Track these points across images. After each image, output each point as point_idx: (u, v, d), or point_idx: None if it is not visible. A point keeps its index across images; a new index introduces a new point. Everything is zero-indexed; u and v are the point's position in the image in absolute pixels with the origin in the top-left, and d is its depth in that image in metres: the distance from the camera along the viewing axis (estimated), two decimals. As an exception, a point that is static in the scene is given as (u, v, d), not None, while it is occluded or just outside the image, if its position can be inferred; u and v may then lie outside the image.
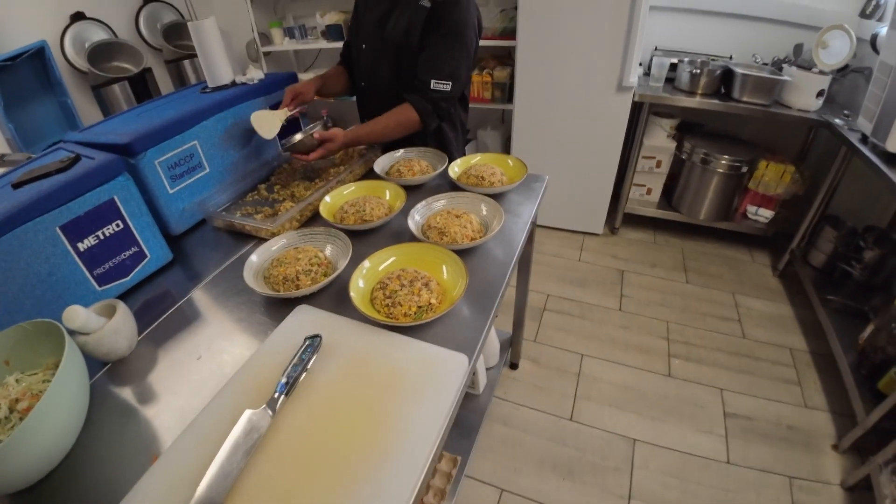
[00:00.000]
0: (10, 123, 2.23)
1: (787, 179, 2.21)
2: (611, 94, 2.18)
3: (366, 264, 0.82)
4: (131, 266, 0.97)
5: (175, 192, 1.12)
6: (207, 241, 1.13)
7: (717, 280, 2.24)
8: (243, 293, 0.90)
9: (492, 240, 0.94)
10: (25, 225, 0.79)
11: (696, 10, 2.40)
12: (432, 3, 1.21)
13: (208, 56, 1.31)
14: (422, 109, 1.24)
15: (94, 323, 0.73)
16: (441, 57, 1.21)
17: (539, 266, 2.37)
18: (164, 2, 3.01)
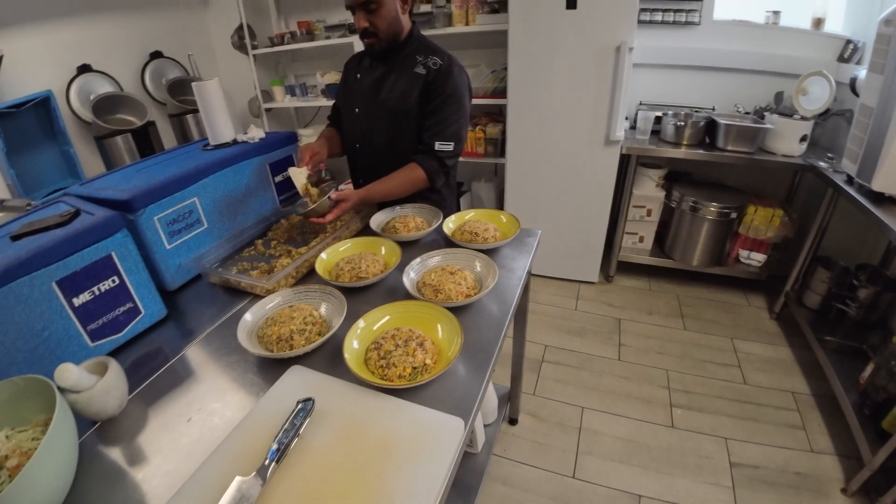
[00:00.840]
0: (11, 169, 2.26)
1: (777, 223, 2.26)
2: (599, 147, 2.26)
3: (360, 324, 0.82)
4: (125, 322, 0.96)
5: (172, 248, 1.12)
6: (203, 296, 1.13)
7: (714, 325, 2.23)
8: (236, 352, 0.89)
9: (487, 296, 0.94)
10: (22, 279, 0.79)
11: (678, 65, 2.52)
12: (427, 71, 1.30)
13: (211, 115, 1.35)
14: (430, 168, 1.31)
15: (85, 381, 0.72)
16: (444, 121, 1.30)
17: (535, 316, 2.36)
18: (169, 58, 3.13)
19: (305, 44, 3.03)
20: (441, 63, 1.30)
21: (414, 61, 1.32)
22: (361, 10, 1.22)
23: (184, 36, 3.26)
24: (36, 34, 2.51)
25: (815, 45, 2.28)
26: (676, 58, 2.50)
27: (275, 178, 1.41)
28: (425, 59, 1.31)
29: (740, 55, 2.39)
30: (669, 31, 2.47)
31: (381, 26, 1.24)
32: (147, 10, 3.03)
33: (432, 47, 1.35)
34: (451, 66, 1.31)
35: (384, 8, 1.22)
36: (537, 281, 2.65)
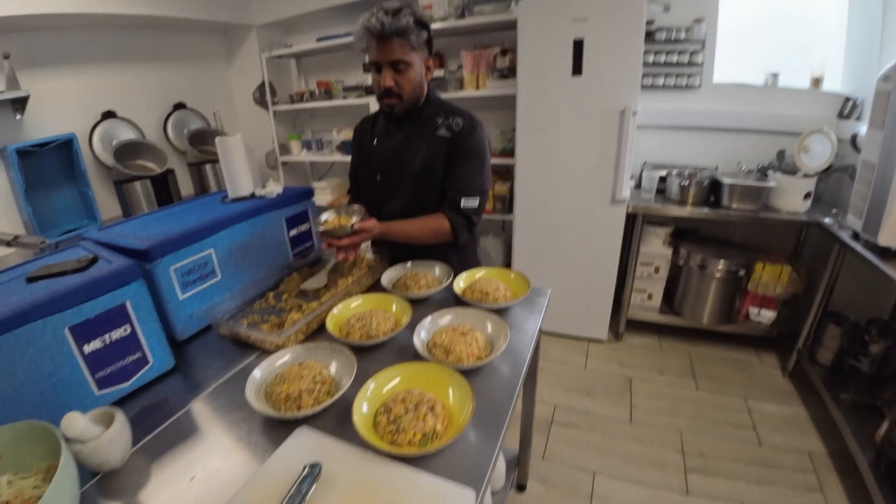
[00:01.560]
0: (29, 206, 2.30)
1: (785, 279, 2.25)
2: (605, 206, 2.30)
3: (370, 385, 0.81)
4: (133, 371, 0.96)
5: (185, 299, 1.13)
6: (211, 348, 1.13)
7: (727, 385, 2.18)
8: (243, 409, 0.88)
9: (498, 357, 0.94)
10: (35, 322, 0.79)
11: (681, 126, 2.61)
12: (451, 133, 1.31)
13: (232, 169, 1.40)
14: (456, 222, 1.30)
15: (91, 431, 0.71)
16: (468, 178, 1.31)
17: (545, 374, 2.32)
18: (192, 110, 3.28)
19: (323, 102, 3.18)
20: (464, 124, 1.31)
21: (435, 124, 1.32)
22: (389, 68, 1.22)
23: (207, 89, 3.43)
24: (65, 77, 2.62)
25: (815, 103, 2.36)
26: (679, 119, 2.59)
27: (290, 232, 1.44)
28: (447, 121, 1.32)
29: (741, 116, 2.47)
30: (671, 94, 2.57)
31: (405, 87, 1.24)
32: (174, 62, 3.20)
33: (450, 108, 1.35)
34: (474, 124, 1.32)
35: (412, 69, 1.23)
36: (546, 338, 2.62)
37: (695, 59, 2.46)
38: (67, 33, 2.60)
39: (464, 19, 2.52)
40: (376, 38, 1.18)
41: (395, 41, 1.18)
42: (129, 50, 2.92)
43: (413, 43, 1.20)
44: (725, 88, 2.51)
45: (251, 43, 3.42)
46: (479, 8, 2.50)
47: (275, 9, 3.25)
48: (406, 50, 1.20)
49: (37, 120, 2.48)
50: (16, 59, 2.26)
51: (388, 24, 1.15)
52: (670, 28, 2.44)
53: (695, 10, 2.42)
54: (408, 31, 1.17)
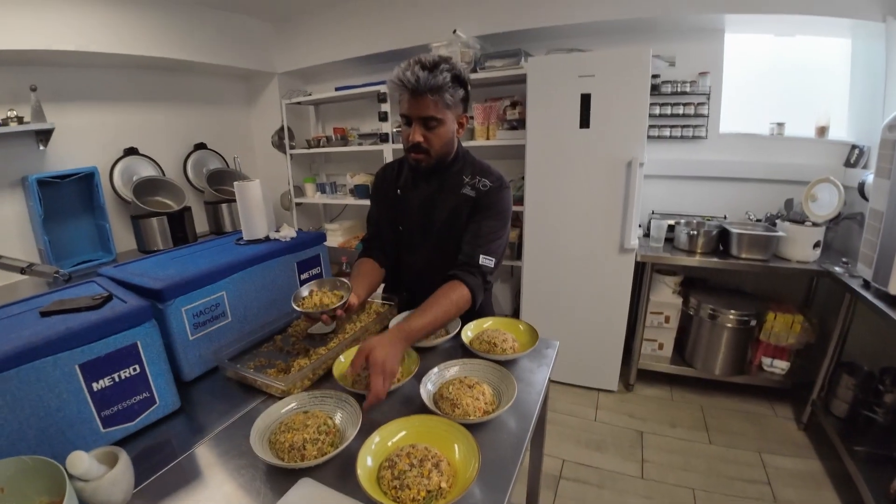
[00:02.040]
0: (45, 235, 2.35)
1: (797, 329, 2.22)
2: (614, 254, 2.32)
3: (375, 438, 0.80)
4: (139, 411, 0.95)
5: (195, 339, 1.14)
6: (217, 390, 1.12)
7: (740, 438, 2.12)
8: (246, 455, 0.87)
9: (505, 411, 0.92)
10: (47, 358, 0.80)
11: (688, 176, 2.65)
12: (476, 192, 1.27)
13: (248, 212, 1.44)
14: (474, 285, 1.18)
15: (94, 471, 0.70)
16: (488, 234, 1.24)
17: (553, 426, 2.26)
18: (212, 150, 3.40)
19: (339, 148, 3.30)
20: (491, 185, 1.27)
21: (461, 182, 1.29)
22: (420, 124, 1.17)
23: (228, 131, 3.57)
24: (90, 112, 2.73)
25: (821, 151, 2.39)
26: (686, 169, 2.64)
27: (301, 275, 1.45)
28: (473, 180, 1.28)
29: (748, 165, 2.51)
30: (678, 144, 2.63)
31: (435, 144, 1.20)
32: (196, 104, 3.34)
33: (479, 166, 1.32)
34: (501, 187, 1.28)
35: (444, 127, 1.19)
36: (554, 387, 2.58)
37: (700, 110, 2.54)
38: (95, 70, 2.73)
39: (476, 73, 2.64)
40: (409, 93, 1.13)
41: (429, 98, 1.12)
42: (153, 90, 3.06)
43: (448, 101, 1.15)
44: (732, 138, 2.57)
45: (272, 89, 3.58)
46: (491, 63, 2.62)
47: (296, 58, 3.44)
48: (439, 108, 1.15)
49: (60, 152, 2.57)
50: (43, 91, 2.37)
51: (424, 81, 1.10)
52: (676, 81, 2.53)
53: (699, 64, 2.52)
54: (443, 89, 1.12)
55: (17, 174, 2.41)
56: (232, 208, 3.14)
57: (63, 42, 2.33)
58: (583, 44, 2.63)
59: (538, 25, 2.58)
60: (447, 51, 2.64)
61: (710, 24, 2.44)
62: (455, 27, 2.62)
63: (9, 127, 2.23)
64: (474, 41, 2.67)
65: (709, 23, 2.42)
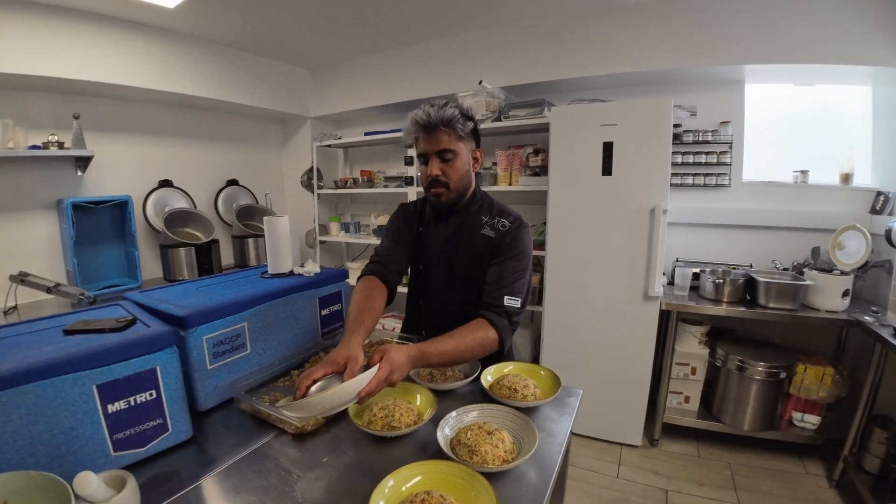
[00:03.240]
0: (75, 258, 2.42)
1: (828, 382, 2.13)
2: (637, 302, 2.27)
3: (389, 482, 0.77)
4: (151, 437, 0.94)
5: (213, 369, 1.13)
6: (231, 422, 1.11)
7: (771, 499, 1.98)
8: (255, 491, 0.84)
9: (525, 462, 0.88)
10: (66, 375, 0.80)
11: (712, 224, 2.63)
12: (496, 233, 1.29)
13: (275, 247, 1.47)
14: (501, 327, 1.16)
15: (101, 494, 0.69)
16: (511, 276, 1.23)
17: (574, 482, 2.15)
18: (243, 186, 3.53)
19: (365, 189, 3.40)
20: (509, 225, 1.29)
21: (480, 222, 1.31)
22: (436, 158, 1.24)
23: (260, 169, 3.71)
24: (129, 143, 2.86)
25: (846, 199, 2.37)
26: (710, 217, 2.63)
27: (322, 311, 1.46)
28: (492, 220, 1.31)
29: (773, 213, 2.49)
30: (702, 192, 2.63)
31: (453, 177, 1.25)
32: (231, 142, 3.50)
33: (498, 207, 1.35)
34: (520, 227, 1.30)
35: (459, 159, 1.25)
36: (575, 441, 2.46)
37: (723, 158, 2.55)
38: (136, 104, 2.90)
39: (500, 122, 2.72)
40: (423, 130, 1.22)
41: (442, 131, 1.21)
42: (191, 126, 3.22)
43: (459, 132, 1.23)
44: (755, 187, 2.56)
45: (305, 132, 3.75)
46: (515, 112, 2.70)
47: (329, 104, 3.61)
48: (452, 140, 1.23)
49: (96, 179, 2.69)
50: (85, 120, 2.51)
51: (435, 116, 1.19)
52: (697, 130, 2.56)
53: (721, 114, 2.55)
54: (453, 121, 1.21)
55: (54, 196, 2.53)
56: (258, 243, 3.21)
57: (108, 75, 2.48)
58: (605, 95, 2.70)
59: (561, 77, 2.67)
60: (473, 100, 2.74)
61: (730, 76, 2.49)
62: (481, 78, 2.73)
63: (49, 151, 2.34)
64: (499, 91, 2.77)
65: (729, 74, 2.47)
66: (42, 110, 2.48)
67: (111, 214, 2.67)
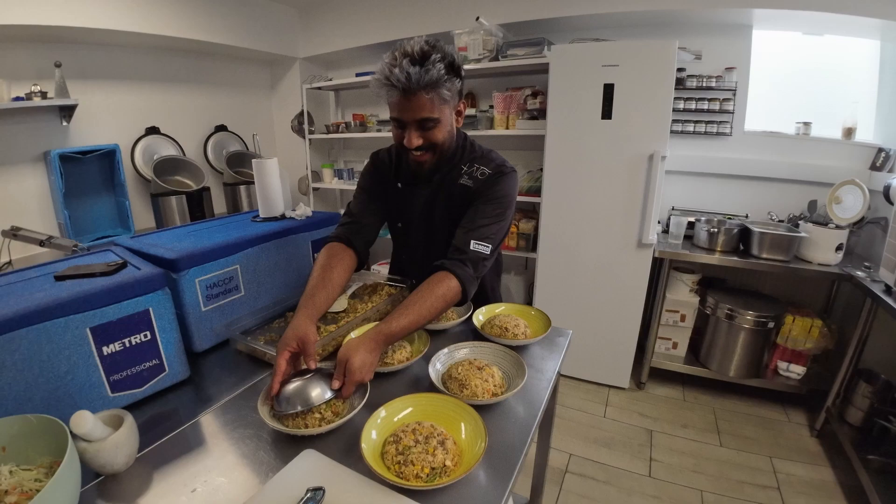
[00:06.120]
0: (66, 210, 2.39)
1: (816, 334, 2.18)
2: (631, 250, 2.27)
3: (381, 413, 0.79)
4: (148, 378, 0.96)
5: (207, 311, 1.14)
6: (226, 362, 1.13)
7: (752, 443, 2.07)
8: (251, 426, 0.87)
9: (513, 396, 0.91)
10: (58, 320, 0.80)
11: (710, 173, 2.60)
12: (473, 181, 1.17)
13: (265, 190, 1.45)
14: (465, 277, 1.05)
15: (98, 432, 0.71)
16: (483, 220, 1.11)
17: (561, 421, 2.24)
18: (232, 132, 3.43)
19: (357, 134, 3.30)
20: (489, 172, 1.17)
21: (459, 172, 1.19)
22: (415, 126, 1.04)
23: (248, 114, 3.60)
24: (113, 91, 2.76)
25: (847, 154, 2.34)
26: (709, 166, 2.59)
27: (315, 255, 1.45)
28: (471, 169, 1.19)
29: (772, 164, 2.46)
30: (702, 140, 2.58)
31: (438, 139, 1.08)
32: (218, 86, 3.37)
33: (480, 155, 1.21)
34: (501, 175, 1.17)
35: (441, 124, 1.06)
36: (564, 382, 2.55)
37: (726, 106, 2.48)
38: (119, 49, 2.76)
39: (497, 62, 2.61)
40: (400, 92, 0.98)
41: (424, 97, 0.98)
42: (177, 71, 3.09)
43: (445, 96, 1.02)
44: (756, 137, 2.51)
45: (294, 74, 3.59)
46: (513, 51, 2.58)
47: (318, 44, 3.44)
48: (435, 106, 1.02)
49: (82, 129, 2.61)
50: (67, 68, 2.40)
51: (416, 78, 0.95)
52: (701, 76, 2.47)
53: (726, 59, 2.45)
54: (439, 84, 0.98)
55: (40, 149, 2.46)
56: (250, 190, 3.17)
57: (89, 20, 2.35)
58: (607, 35, 2.57)
59: (563, 15, 2.53)
60: (469, 38, 2.61)
61: (738, 20, 2.38)
62: (478, 14, 2.58)
63: (32, 101, 2.26)
64: (497, 29, 2.63)
65: (736, 18, 2.35)
66: (23, 61, 2.38)
67: (99, 165, 2.62)
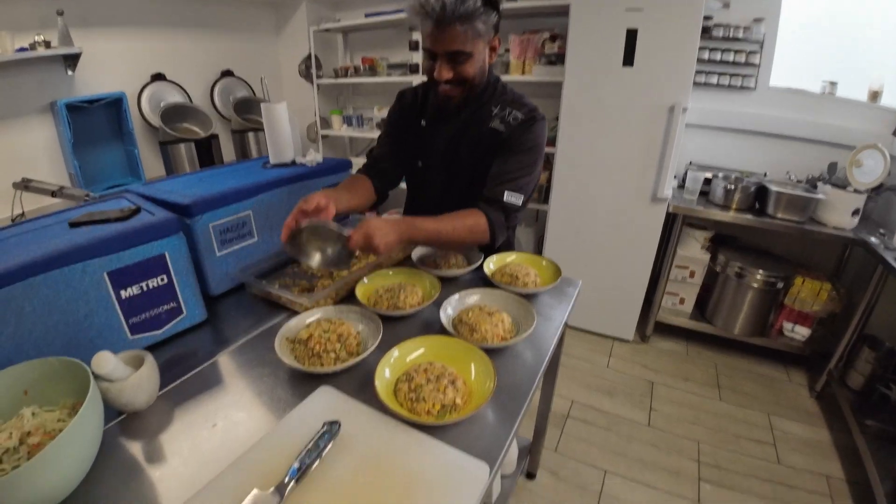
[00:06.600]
0: (75, 160, 2.39)
1: (824, 297, 2.17)
2: (645, 203, 2.24)
3: (394, 353, 0.82)
4: (166, 320, 0.99)
5: (221, 256, 1.16)
6: (242, 306, 1.16)
7: (751, 399, 2.12)
8: (268, 365, 0.90)
9: (522, 342, 0.93)
10: (75, 265, 0.81)
11: (731, 128, 2.51)
12: (506, 126, 1.15)
13: (275, 136, 1.42)
14: (496, 221, 1.11)
15: (120, 372, 0.73)
16: (516, 170, 1.13)
17: (565, 369, 2.29)
18: (239, 78, 3.35)
19: (367, 78, 3.19)
20: (521, 117, 1.15)
21: (489, 114, 1.17)
22: (446, 59, 1.03)
23: (255, 59, 3.49)
24: (117, 37, 2.68)
25: (871, 117, 2.24)
26: (730, 121, 2.50)
27: (326, 201, 1.45)
28: (503, 113, 1.16)
29: (794, 123, 2.37)
30: (724, 94, 2.48)
31: (468, 74, 1.07)
32: (224, 30, 3.25)
33: (511, 98, 1.19)
34: (534, 119, 1.16)
35: (474, 58, 1.05)
36: (570, 333, 2.59)
37: (751, 59, 2.36)
38: None
39: (515, 2, 2.47)
40: (434, 23, 0.98)
41: (458, 28, 0.97)
42: (181, 15, 2.97)
43: (479, 30, 1.00)
44: (781, 93, 2.40)
45: (300, 16, 3.44)
46: (533, -10, 2.44)
47: (326, -18, 3.27)
48: (469, 39, 1.00)
49: (88, 77, 2.55)
50: (69, 16, 2.32)
51: (451, 8, 0.94)
52: (728, 25, 2.34)
53: (755, 10, 2.31)
54: (474, 17, 0.97)
55: (46, 99, 2.42)
56: (259, 137, 3.13)
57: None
58: (633, -24, 2.41)
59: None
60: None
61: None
62: (496, -50, 2.42)
63: (36, 51, 2.21)
64: (516, -34, 2.48)
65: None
66: (25, 11, 2.30)
67: (107, 113, 2.59)
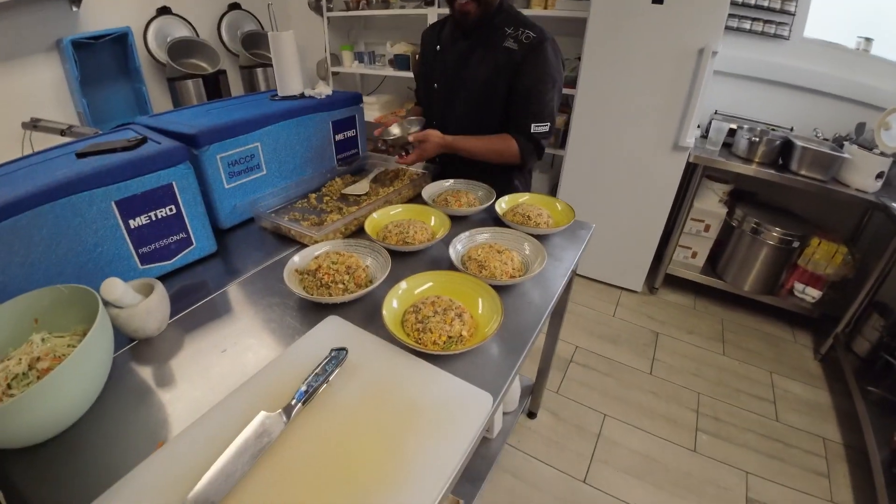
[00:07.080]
0: (83, 98, 2.36)
1: (839, 260, 2.13)
2: (665, 152, 2.16)
3: (402, 285, 0.82)
4: (176, 251, 0.99)
5: (230, 188, 1.15)
6: (252, 239, 1.16)
7: (755, 356, 2.12)
8: (277, 295, 0.91)
9: (530, 281, 0.92)
10: (83, 193, 0.81)
11: (760, 78, 2.38)
12: (519, 45, 1.19)
13: (282, 66, 1.37)
14: (525, 148, 1.26)
15: (129, 298, 0.73)
16: (539, 100, 1.22)
17: (571, 315, 2.31)
18: (247, 11, 3.21)
19: (380, 11, 3.02)
20: (534, 36, 1.19)
21: (503, 34, 1.21)
22: None
23: (263, -10, 3.32)
24: (120, -30, 2.55)
25: None
26: (759, 71, 2.36)
27: (336, 136, 1.41)
28: (516, 32, 1.20)
29: (826, 78, 2.24)
30: (756, 41, 2.33)
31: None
32: (232, -41, 3.09)
33: (522, 19, 1.24)
34: (545, 40, 1.20)
35: None
36: (578, 280, 2.59)
37: (787, 6, 2.19)
38: None
39: (540, -71, 2.29)
40: None
41: None
42: (186, -58, 2.82)
43: None
44: (814, 45, 2.25)
45: (310, -59, 3.23)
46: (560, -84, 2.25)
47: None
48: None
49: (93, 13, 2.49)
50: None
51: None
52: (766, -34, 2.16)
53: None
54: None
55: (52, 37, 2.35)
56: (267, 73, 3.04)
57: None
58: None
59: None
60: None
61: None
62: None
63: None
64: None
65: None
66: None
67: (113, 50, 2.53)
